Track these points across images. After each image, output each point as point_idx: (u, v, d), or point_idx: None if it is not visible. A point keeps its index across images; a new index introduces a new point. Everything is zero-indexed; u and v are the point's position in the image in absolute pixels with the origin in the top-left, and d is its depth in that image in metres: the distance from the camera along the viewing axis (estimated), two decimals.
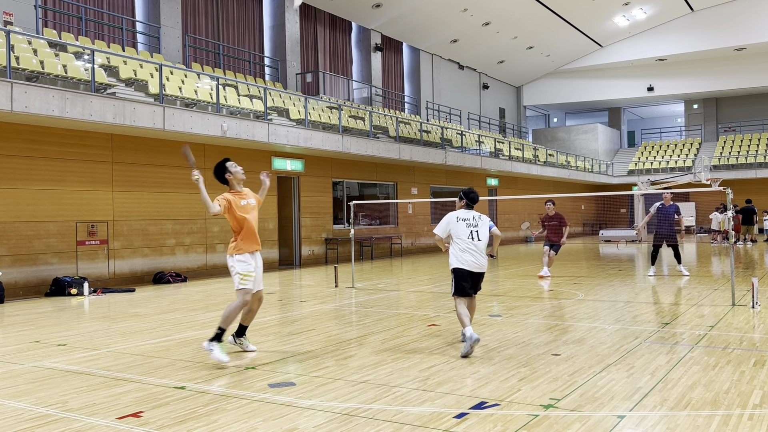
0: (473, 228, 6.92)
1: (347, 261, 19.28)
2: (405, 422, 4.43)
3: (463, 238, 6.89)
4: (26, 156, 12.57)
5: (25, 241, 12.55)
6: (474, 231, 6.92)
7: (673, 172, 35.99)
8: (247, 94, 18.80)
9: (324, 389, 5.30)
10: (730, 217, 10.00)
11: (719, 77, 37.66)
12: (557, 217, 14.29)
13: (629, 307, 9.63)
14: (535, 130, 44.37)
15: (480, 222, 6.98)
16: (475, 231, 6.92)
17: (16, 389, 5.52)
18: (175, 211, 15.42)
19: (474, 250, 6.85)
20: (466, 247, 6.86)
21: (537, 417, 4.50)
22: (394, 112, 27.21)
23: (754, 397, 4.88)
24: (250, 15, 23.36)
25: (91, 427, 4.48)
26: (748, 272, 14.36)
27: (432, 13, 28.52)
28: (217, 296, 12.04)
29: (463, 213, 7.02)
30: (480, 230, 6.94)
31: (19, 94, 11.09)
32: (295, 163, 18.80)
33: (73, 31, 17.47)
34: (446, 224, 6.99)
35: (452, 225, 6.95)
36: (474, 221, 6.96)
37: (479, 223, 6.97)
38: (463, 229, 6.92)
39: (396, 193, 23.46)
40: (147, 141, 14.70)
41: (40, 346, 7.45)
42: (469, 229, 6.92)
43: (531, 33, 33.84)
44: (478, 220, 6.99)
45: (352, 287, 12.85)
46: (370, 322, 8.68)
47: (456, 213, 7.05)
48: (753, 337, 7.19)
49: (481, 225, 6.97)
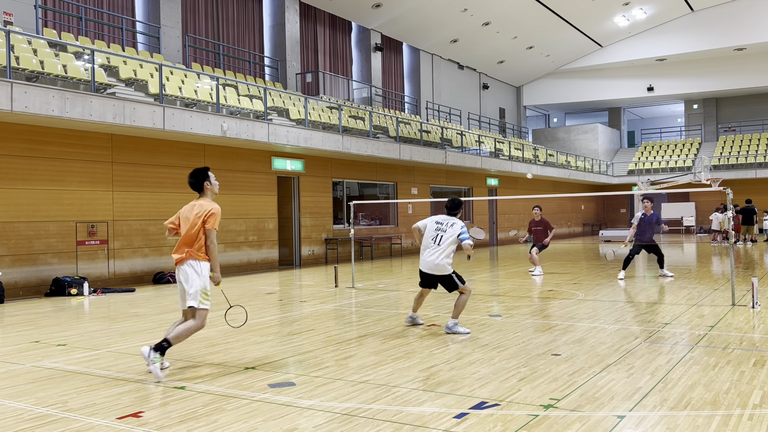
0: (440, 232, 7.61)
1: (347, 261, 19.28)
2: (405, 422, 4.43)
3: (426, 237, 7.68)
4: (26, 156, 12.57)
5: (25, 241, 12.55)
6: (439, 234, 7.60)
7: (673, 172, 35.99)
8: (247, 94, 18.80)
9: (324, 389, 5.30)
10: (730, 217, 10.00)
11: (719, 77, 37.66)
12: (543, 222, 14.99)
13: (629, 307, 9.63)
14: (535, 130, 44.38)
15: (449, 228, 7.59)
16: (440, 235, 7.59)
17: (16, 389, 5.52)
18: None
19: (429, 252, 7.58)
20: (425, 247, 7.67)
21: (537, 417, 4.50)
22: (394, 112, 27.21)
23: (754, 397, 4.88)
24: (250, 15, 23.36)
25: (91, 427, 4.48)
26: (748, 272, 14.36)
27: (432, 13, 28.52)
28: (217, 296, 12.02)
29: (441, 217, 7.77)
30: (445, 235, 7.56)
31: (19, 94, 11.09)
32: (295, 163, 18.80)
33: (73, 31, 17.47)
34: (425, 221, 7.85)
35: (428, 225, 7.77)
36: (444, 226, 7.63)
37: (448, 229, 7.59)
38: (431, 231, 7.67)
39: (396, 193, 23.46)
40: (147, 141, 14.70)
41: (40, 346, 7.45)
42: (436, 233, 7.63)
43: (531, 33, 33.83)
44: (449, 227, 7.60)
45: (352, 287, 12.85)
46: (370, 322, 8.68)
47: (436, 216, 7.81)
48: (753, 337, 7.19)
49: (449, 231, 7.57)
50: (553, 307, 9.85)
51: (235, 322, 7.27)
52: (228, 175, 16.68)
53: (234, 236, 16.81)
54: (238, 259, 16.89)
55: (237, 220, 16.90)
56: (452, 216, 7.77)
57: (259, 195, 17.58)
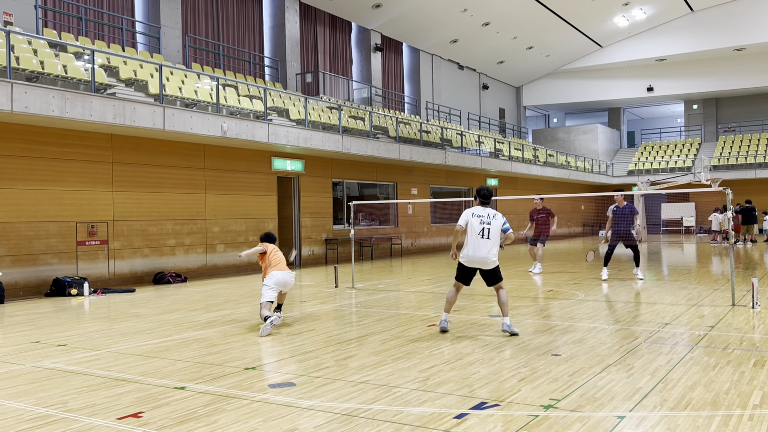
0: (485, 225, 7.30)
1: (347, 261, 19.28)
2: (405, 422, 4.43)
3: (472, 233, 7.30)
4: (26, 156, 12.57)
5: (26, 241, 12.55)
6: (485, 227, 7.28)
7: (673, 173, 35.98)
8: (247, 95, 18.80)
9: (324, 389, 5.30)
10: (730, 217, 10.01)
11: (719, 77, 37.67)
12: (545, 210, 14.94)
13: (629, 307, 9.63)
14: (535, 131, 44.38)
15: (494, 221, 7.34)
16: (487, 228, 7.28)
17: (16, 389, 5.52)
18: (175, 211, 15.43)
19: (480, 246, 7.22)
20: (472, 242, 7.28)
21: (537, 417, 4.50)
22: (394, 113, 27.22)
23: (754, 397, 4.88)
24: (250, 15, 23.36)
25: (91, 427, 4.48)
26: (748, 272, 14.36)
27: (432, 13, 28.53)
28: (217, 296, 12.04)
29: (479, 210, 7.43)
30: (492, 228, 7.29)
31: (19, 95, 11.10)
32: (295, 164, 18.80)
33: (73, 31, 17.48)
34: (465, 218, 7.42)
35: (469, 219, 7.37)
36: (488, 218, 7.34)
37: (492, 221, 7.33)
38: (476, 226, 7.31)
39: (396, 193, 23.46)
40: (147, 141, 14.70)
41: (40, 346, 7.45)
42: (481, 226, 7.30)
43: (531, 33, 33.84)
44: (493, 219, 7.36)
45: (352, 287, 12.85)
46: (370, 323, 8.68)
47: (472, 210, 7.44)
48: (753, 337, 7.19)
49: (494, 223, 7.33)
50: (553, 307, 9.85)
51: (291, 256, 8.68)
52: (228, 176, 16.69)
53: (234, 236, 16.81)
54: (238, 260, 16.87)
55: (237, 220, 16.91)
56: (487, 206, 7.55)
57: (259, 195, 17.59)
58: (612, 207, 13.51)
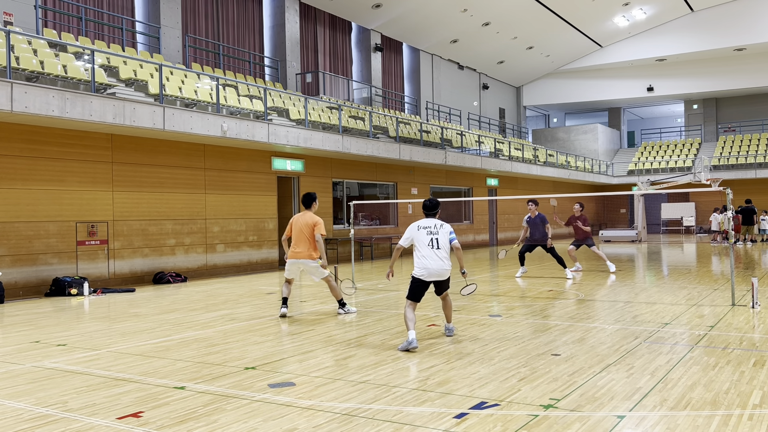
0: (433, 236, 7.22)
1: (347, 261, 19.28)
2: (405, 422, 4.43)
3: (420, 246, 7.20)
4: (26, 156, 12.57)
5: (25, 241, 12.56)
6: (434, 238, 7.21)
7: (673, 173, 35.99)
8: (247, 95, 18.80)
9: (324, 389, 5.30)
10: (730, 217, 10.00)
11: (719, 77, 37.67)
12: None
13: (629, 307, 9.63)
14: (535, 131, 44.38)
15: (441, 230, 7.28)
16: (435, 238, 7.21)
17: (16, 389, 5.52)
18: (175, 211, 15.42)
19: (431, 258, 7.12)
20: (422, 255, 7.16)
21: (537, 417, 4.50)
22: (394, 113, 27.21)
23: (754, 397, 4.88)
24: (250, 15, 23.36)
25: (91, 427, 4.48)
26: (748, 272, 14.36)
27: (432, 13, 28.52)
28: (217, 296, 12.04)
29: (424, 222, 7.38)
30: (440, 237, 7.22)
31: (19, 95, 11.10)
32: (295, 163, 18.80)
33: (73, 31, 17.48)
34: (409, 235, 7.32)
35: (414, 234, 7.28)
36: (434, 229, 7.28)
37: (440, 230, 7.27)
38: (423, 237, 7.22)
39: (396, 193, 23.46)
40: (147, 141, 14.70)
41: (40, 346, 7.45)
42: (429, 237, 7.22)
43: (531, 33, 33.84)
44: (439, 228, 7.30)
45: (352, 287, 12.84)
46: (370, 322, 8.68)
47: (417, 223, 7.39)
48: (753, 337, 7.19)
49: (441, 232, 7.26)
50: (553, 307, 9.85)
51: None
52: (228, 175, 16.69)
53: (234, 236, 16.81)
54: (238, 259, 16.89)
55: (237, 220, 16.90)
56: (432, 216, 7.50)
57: (259, 195, 17.58)
58: (525, 217, 14.81)
